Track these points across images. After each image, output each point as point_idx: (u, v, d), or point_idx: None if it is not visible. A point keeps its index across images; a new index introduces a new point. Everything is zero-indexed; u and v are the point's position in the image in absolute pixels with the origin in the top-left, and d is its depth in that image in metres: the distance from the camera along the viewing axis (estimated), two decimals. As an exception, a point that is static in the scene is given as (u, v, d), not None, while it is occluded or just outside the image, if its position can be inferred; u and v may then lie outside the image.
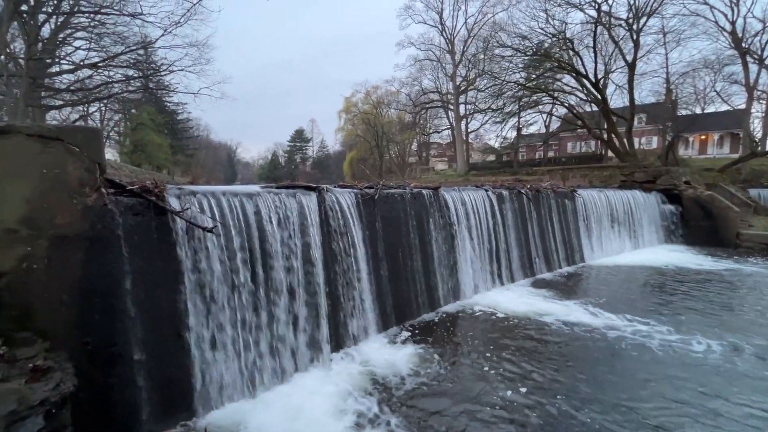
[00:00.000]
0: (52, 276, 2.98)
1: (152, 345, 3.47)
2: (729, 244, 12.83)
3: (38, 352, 2.75)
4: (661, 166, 17.52)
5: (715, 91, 28.55)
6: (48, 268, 2.97)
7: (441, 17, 34.72)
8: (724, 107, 31.19)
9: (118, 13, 15.38)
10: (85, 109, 25.55)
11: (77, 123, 23.71)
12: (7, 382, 2.39)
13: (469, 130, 39.19)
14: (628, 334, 5.60)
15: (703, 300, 7.28)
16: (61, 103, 19.19)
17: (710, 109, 34.90)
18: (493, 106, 30.19)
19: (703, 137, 38.15)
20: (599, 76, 21.92)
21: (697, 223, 13.64)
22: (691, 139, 37.71)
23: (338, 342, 5.14)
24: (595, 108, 25.03)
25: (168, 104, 39.18)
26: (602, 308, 6.79)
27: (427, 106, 39.46)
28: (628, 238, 12.62)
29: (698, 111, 33.30)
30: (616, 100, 28.15)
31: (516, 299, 7.38)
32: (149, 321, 3.47)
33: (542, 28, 22.42)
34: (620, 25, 21.61)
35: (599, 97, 21.81)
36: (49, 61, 16.68)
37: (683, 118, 26.81)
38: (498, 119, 31.63)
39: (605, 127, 22.84)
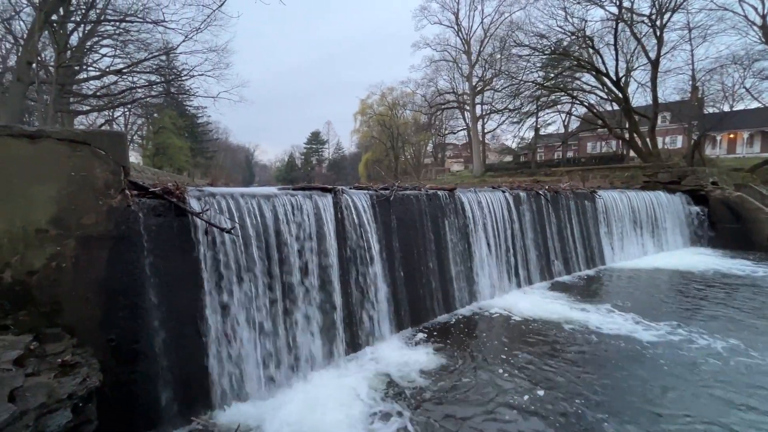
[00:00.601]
0: (78, 274, 3.10)
1: (173, 342, 3.56)
2: (759, 247, 12.27)
3: (66, 347, 2.86)
4: (686, 166, 16.93)
5: (745, 87, 27.28)
6: (75, 267, 3.08)
7: (457, 17, 34.50)
8: (755, 104, 29.73)
9: (141, 20, 15.92)
10: (111, 114, 26.55)
11: (103, 127, 24.62)
12: (38, 376, 2.49)
13: (485, 130, 38.77)
14: (654, 341, 5.41)
15: (737, 306, 6.96)
16: (88, 108, 19.99)
17: (739, 107, 33.44)
18: (510, 106, 29.78)
19: (731, 136, 36.62)
20: (620, 75, 21.36)
21: (725, 225, 13.10)
22: (718, 138, 36.26)
23: (353, 342, 5.15)
24: (616, 107, 24.40)
25: (188, 108, 40.31)
26: (624, 313, 6.60)
27: (442, 107, 39.24)
28: (651, 241, 12.23)
29: (726, 109, 31.99)
30: (639, 98, 27.33)
31: (533, 302, 7.25)
32: (170, 319, 3.56)
33: (561, 27, 22.02)
34: (643, 22, 20.99)
35: (620, 95, 21.24)
36: (77, 68, 17.39)
37: (710, 116, 25.81)
38: (515, 119, 31.16)
39: (627, 126, 22.22)
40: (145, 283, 3.41)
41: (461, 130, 43.26)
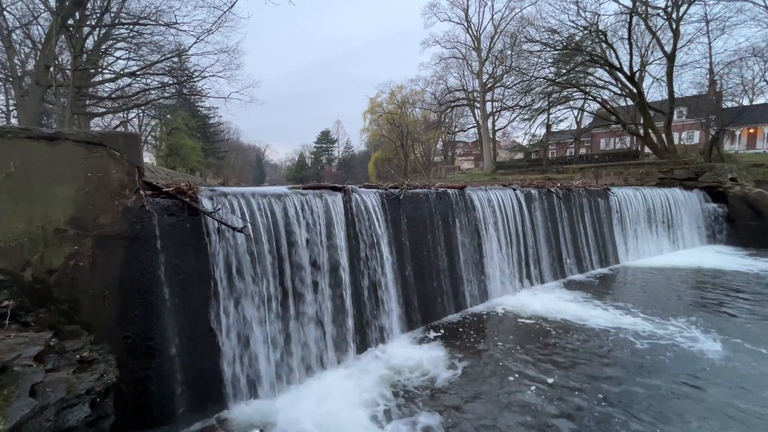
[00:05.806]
0: (96, 273, 3.17)
1: (186, 340, 3.62)
2: (781, 245, 11.91)
3: (84, 344, 2.93)
4: (703, 162, 16.51)
5: (765, 80, 26.33)
6: (92, 266, 3.16)
7: (466, 14, 34.14)
8: (776, 98, 28.95)
9: (154, 23, 16.17)
10: (125, 116, 27.05)
11: (118, 129, 25.12)
12: (57, 371, 2.56)
13: (495, 128, 38.36)
14: (669, 341, 5.30)
15: (757, 306, 6.75)
16: (103, 110, 20.40)
17: (760, 101, 32.43)
18: (521, 103, 29.43)
19: (751, 131, 35.58)
20: (635, 69, 20.88)
21: (745, 222, 12.74)
22: (738, 133, 35.26)
23: (363, 341, 5.17)
24: (630, 102, 23.89)
25: (200, 109, 40.81)
26: (637, 311, 6.47)
27: (452, 104, 38.92)
28: (667, 239, 11.97)
29: (746, 103, 31.08)
30: (654, 93, 26.72)
31: (545, 301, 7.17)
32: (183, 316, 3.63)
33: (573, 21, 21.61)
34: (658, 15, 20.49)
35: (635, 90, 20.78)
36: (92, 71, 17.76)
37: (729, 111, 25.06)
38: (526, 116, 30.72)
39: (641, 122, 21.73)
40: (159, 281, 3.47)
41: (471, 127, 42.87)
